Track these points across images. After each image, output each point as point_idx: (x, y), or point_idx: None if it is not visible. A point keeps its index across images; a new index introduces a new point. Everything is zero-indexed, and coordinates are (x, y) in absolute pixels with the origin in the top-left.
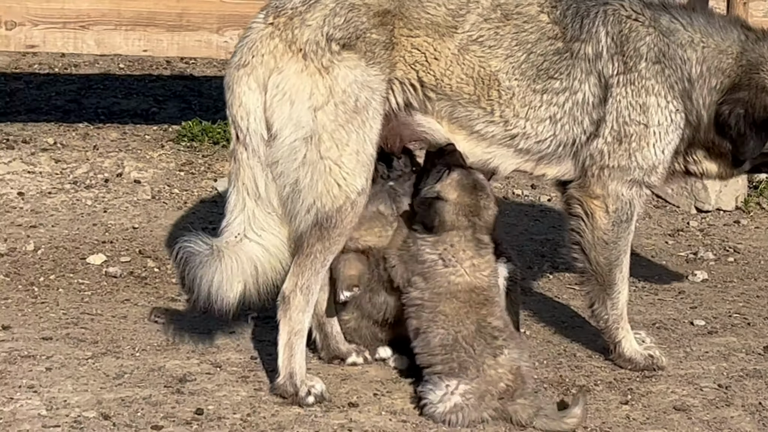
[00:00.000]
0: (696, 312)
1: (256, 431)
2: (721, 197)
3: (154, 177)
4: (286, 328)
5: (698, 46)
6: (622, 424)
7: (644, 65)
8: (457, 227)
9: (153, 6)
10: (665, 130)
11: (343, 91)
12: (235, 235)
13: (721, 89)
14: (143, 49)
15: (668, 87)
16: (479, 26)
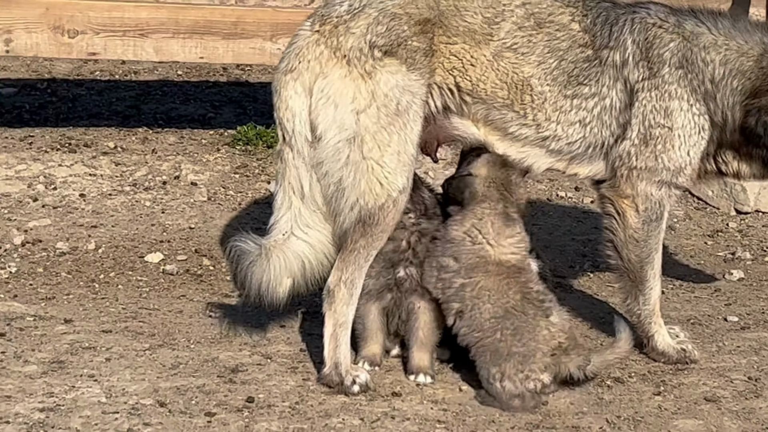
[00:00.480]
0: (730, 309)
1: (303, 418)
2: (760, 199)
3: (210, 179)
4: (331, 320)
5: (721, 48)
6: (654, 414)
7: (667, 70)
8: (488, 198)
9: (209, 15)
10: (689, 132)
11: (385, 95)
12: (283, 233)
13: (743, 91)
14: (200, 56)
15: (691, 90)
16: (513, 34)
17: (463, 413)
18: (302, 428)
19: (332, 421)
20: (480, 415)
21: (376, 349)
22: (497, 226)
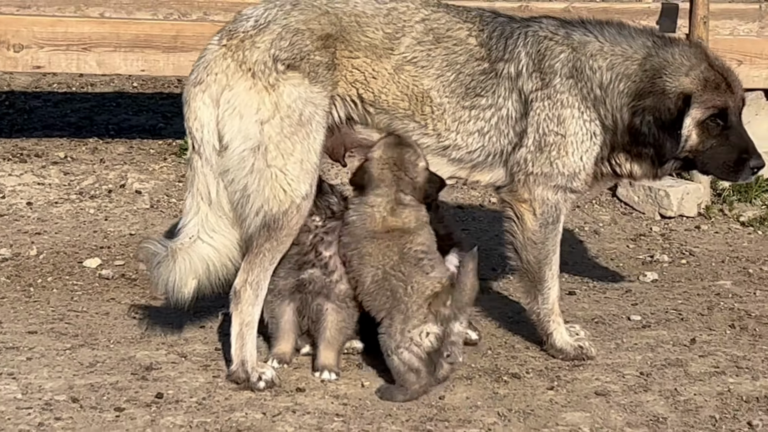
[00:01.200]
0: (636, 308)
1: (208, 413)
2: (683, 204)
3: (155, 188)
4: (237, 320)
5: (607, 55)
6: (545, 407)
7: (558, 80)
8: (383, 180)
9: (149, 29)
10: (582, 139)
11: (288, 107)
12: (189, 237)
13: (629, 93)
14: (141, 69)
15: (581, 98)
16: (413, 48)
17: (362, 407)
18: (206, 422)
19: (235, 416)
20: (378, 409)
21: (286, 348)
22: (384, 214)
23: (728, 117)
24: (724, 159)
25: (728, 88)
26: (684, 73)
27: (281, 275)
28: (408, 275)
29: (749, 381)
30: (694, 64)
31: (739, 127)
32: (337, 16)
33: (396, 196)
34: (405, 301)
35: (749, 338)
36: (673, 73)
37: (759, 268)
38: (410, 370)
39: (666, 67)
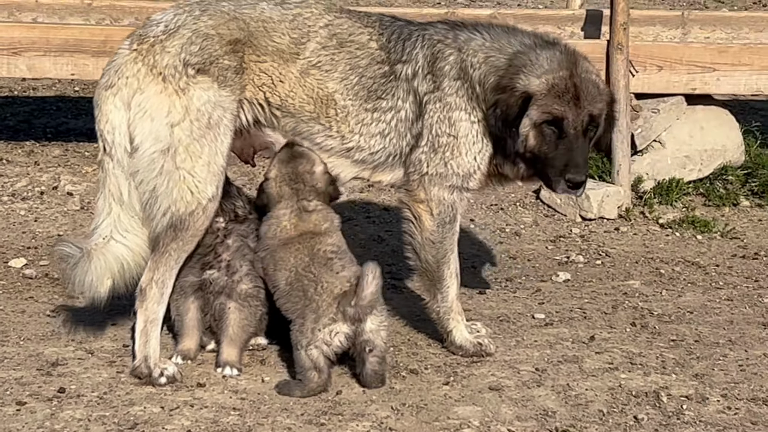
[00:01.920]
0: (541, 307)
1: (108, 407)
2: (603, 206)
3: (86, 190)
4: (142, 316)
5: (486, 49)
6: (438, 402)
7: (447, 83)
8: (283, 197)
9: (79, 34)
10: (473, 140)
11: (198, 110)
12: (103, 237)
13: (493, 86)
14: (71, 73)
15: (467, 99)
16: (318, 53)
17: (259, 402)
18: (104, 416)
19: (134, 410)
20: (275, 403)
21: (190, 344)
22: (293, 222)
23: (563, 127)
24: (549, 167)
25: (574, 100)
26: (536, 75)
27: (185, 274)
28: (318, 275)
29: (641, 377)
30: (552, 69)
31: (575, 141)
32: (245, 22)
33: (299, 206)
34: (315, 300)
35: (648, 336)
36: (528, 73)
37: (671, 268)
38: (314, 368)
39: (526, 65)
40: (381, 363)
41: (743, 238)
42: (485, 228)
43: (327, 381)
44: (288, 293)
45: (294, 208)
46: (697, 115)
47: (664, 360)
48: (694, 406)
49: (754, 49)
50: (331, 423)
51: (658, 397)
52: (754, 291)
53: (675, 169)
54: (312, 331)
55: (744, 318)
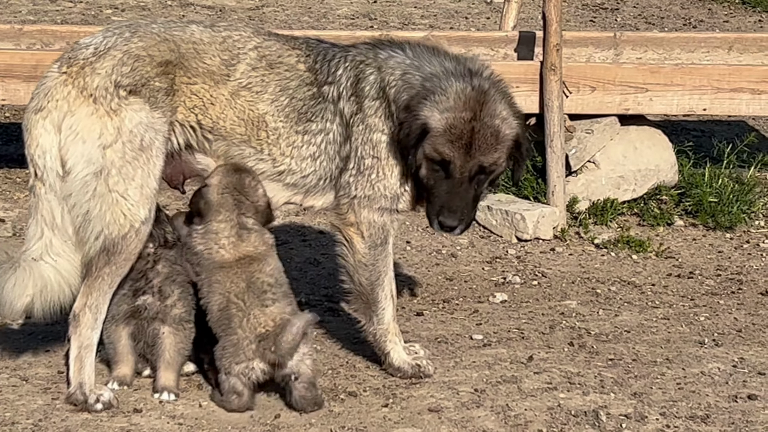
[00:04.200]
0: (479, 328)
1: None
2: (539, 227)
3: (18, 216)
4: (76, 343)
5: (404, 65)
6: (378, 424)
7: (368, 103)
8: (223, 207)
9: (9, 59)
10: (395, 162)
11: (130, 132)
12: (33, 257)
13: (405, 102)
14: (2, 98)
15: (385, 119)
16: (248, 74)
17: (197, 426)
18: None
19: None
20: (213, 428)
21: (126, 371)
22: (232, 240)
23: (450, 170)
24: (429, 202)
25: (466, 148)
26: (439, 110)
27: (116, 301)
28: (248, 306)
29: (579, 396)
30: (456, 108)
31: (458, 185)
32: (176, 43)
33: (239, 221)
34: (238, 333)
35: (586, 355)
36: (433, 103)
37: (607, 288)
38: (233, 392)
39: (435, 93)
40: (309, 388)
41: (678, 257)
42: (421, 250)
43: (249, 401)
44: (217, 318)
45: (234, 222)
46: (630, 136)
47: (603, 379)
48: (633, 425)
49: (686, 69)
50: None
51: (597, 416)
52: (690, 310)
53: (609, 190)
54: (229, 363)
55: (680, 336)
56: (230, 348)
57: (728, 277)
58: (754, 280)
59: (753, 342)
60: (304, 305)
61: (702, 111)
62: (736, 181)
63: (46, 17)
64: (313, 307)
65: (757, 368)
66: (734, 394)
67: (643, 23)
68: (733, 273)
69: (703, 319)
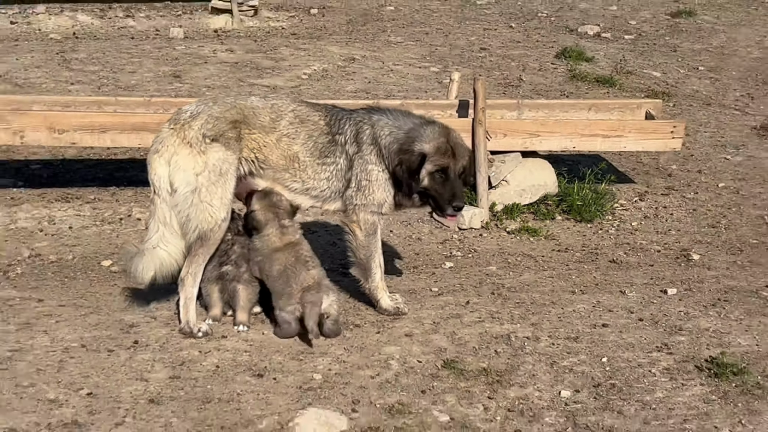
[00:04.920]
0: (436, 284)
1: (166, 352)
2: (472, 221)
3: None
4: (183, 296)
5: (390, 127)
6: (373, 344)
7: (366, 147)
8: (269, 220)
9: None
10: (381, 183)
11: (213, 164)
12: (152, 245)
13: (396, 151)
14: (139, 144)
15: (377, 157)
16: (287, 127)
17: (261, 346)
18: (164, 357)
19: (182, 353)
20: (272, 347)
21: (217, 312)
22: (278, 235)
23: (448, 173)
24: (440, 199)
25: (453, 156)
26: (426, 142)
27: (210, 269)
28: (298, 271)
29: (498, 326)
30: (435, 137)
31: (455, 181)
32: (241, 109)
33: (280, 224)
34: (292, 286)
35: (502, 300)
36: (420, 141)
37: (515, 258)
38: (286, 322)
39: (419, 137)
40: (335, 324)
41: (558, 239)
42: (399, 236)
43: (297, 328)
44: (277, 279)
45: (277, 226)
46: (528, 164)
47: (512, 315)
48: (531, 344)
49: (562, 122)
50: (306, 359)
51: (509, 338)
52: (566, 272)
53: (516, 197)
54: (285, 304)
55: (560, 288)
56: (287, 295)
57: (589, 251)
58: (605, 253)
59: (605, 291)
60: (327, 270)
61: (572, 148)
62: (593, 191)
63: (165, 93)
64: (333, 272)
65: (607, 308)
66: (594, 323)
67: (536, 94)
68: (592, 249)
69: (574, 277)
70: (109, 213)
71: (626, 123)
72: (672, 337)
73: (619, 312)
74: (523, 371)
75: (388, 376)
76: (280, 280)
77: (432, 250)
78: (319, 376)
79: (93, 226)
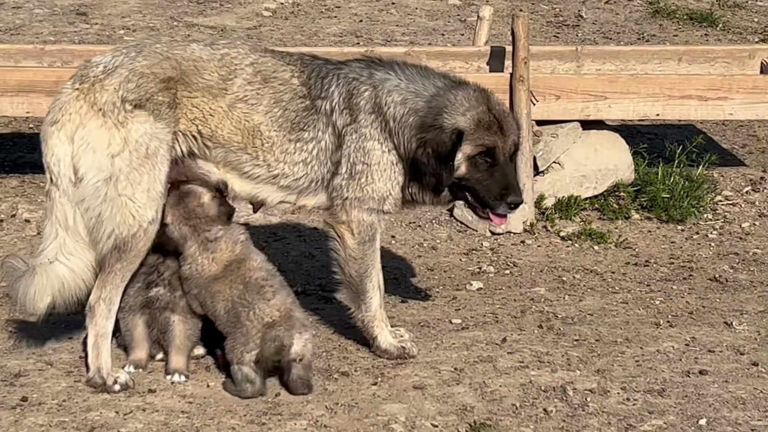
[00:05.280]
0: (458, 313)
1: (68, 413)
2: (510, 222)
3: (42, 217)
4: (93, 332)
5: (402, 90)
6: (368, 400)
7: (363, 116)
8: (186, 237)
9: (33, 76)
10: (384, 167)
11: (136, 141)
12: (48, 259)
13: (416, 126)
14: (26, 111)
15: (380, 131)
16: (244, 88)
17: (206, 405)
18: (64, 421)
19: (91, 415)
20: (220, 406)
21: (141, 355)
22: (205, 255)
23: (495, 155)
24: (487, 192)
25: (500, 131)
26: (461, 113)
27: (131, 293)
28: (252, 302)
29: (548, 373)
30: (473, 106)
31: (506, 166)
32: (177, 61)
33: (202, 239)
34: (246, 325)
35: (554, 337)
36: (452, 112)
37: (572, 276)
38: (246, 381)
39: (447, 106)
40: (305, 371)
41: (635, 247)
42: (405, 243)
43: (261, 387)
44: (226, 319)
45: (198, 242)
46: (591, 139)
47: (569, 358)
48: (597, 399)
49: (641, 79)
50: (271, 422)
51: (564, 391)
52: (646, 294)
53: (573, 188)
54: (241, 353)
55: (638, 319)
56: (241, 339)
57: (680, 264)
58: (704, 267)
59: (703, 323)
60: (300, 294)
61: (655, 116)
62: (686, 178)
63: (65, 38)
64: (309, 296)
65: (707, 346)
66: (687, 369)
67: (602, 38)
68: (684, 261)
69: (658, 302)
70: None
71: (733, 79)
72: None
73: (725, 353)
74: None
75: None
76: (227, 320)
77: (452, 264)
78: None
79: None
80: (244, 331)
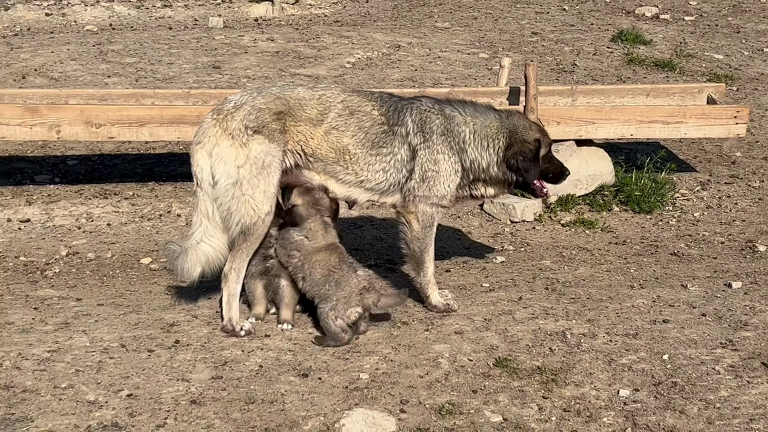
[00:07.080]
0: (487, 279)
1: (208, 351)
2: (525, 213)
3: (189, 212)
4: (226, 293)
5: (468, 124)
6: (421, 342)
7: (435, 137)
8: (311, 215)
9: (181, 111)
10: (448, 174)
11: (255, 157)
12: (196, 241)
13: (501, 146)
14: (177, 137)
15: (448, 148)
16: (336, 119)
17: (306, 345)
18: (206, 357)
19: (224, 353)
20: (316, 346)
21: (260, 310)
22: (320, 233)
23: (551, 151)
24: (553, 173)
25: (547, 136)
26: (531, 129)
27: (253, 264)
28: (346, 272)
29: (552, 322)
30: (532, 125)
31: (555, 156)
32: (286, 99)
33: (323, 220)
34: (345, 289)
35: (556, 296)
36: (525, 130)
37: (569, 252)
38: (342, 331)
39: (518, 127)
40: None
41: (615, 231)
42: (447, 230)
43: (351, 337)
44: (322, 284)
45: (320, 222)
46: (583, 153)
47: (568, 311)
48: (588, 340)
49: (619, 109)
50: (353, 358)
51: (564, 335)
52: (624, 265)
53: (570, 188)
54: (342, 309)
55: (618, 282)
56: (343, 300)
57: (649, 243)
58: (666, 245)
59: (665, 285)
60: (373, 266)
61: (630, 136)
62: (653, 181)
63: (204, 84)
64: (379, 268)
65: (668, 302)
66: (654, 319)
67: (591, 80)
68: (651, 241)
69: (633, 271)
70: (148, 209)
71: (687, 108)
72: (737, 333)
73: (681, 307)
74: (579, 369)
75: (438, 376)
76: (326, 284)
77: (482, 244)
78: (365, 376)
79: (132, 222)
80: (346, 293)
